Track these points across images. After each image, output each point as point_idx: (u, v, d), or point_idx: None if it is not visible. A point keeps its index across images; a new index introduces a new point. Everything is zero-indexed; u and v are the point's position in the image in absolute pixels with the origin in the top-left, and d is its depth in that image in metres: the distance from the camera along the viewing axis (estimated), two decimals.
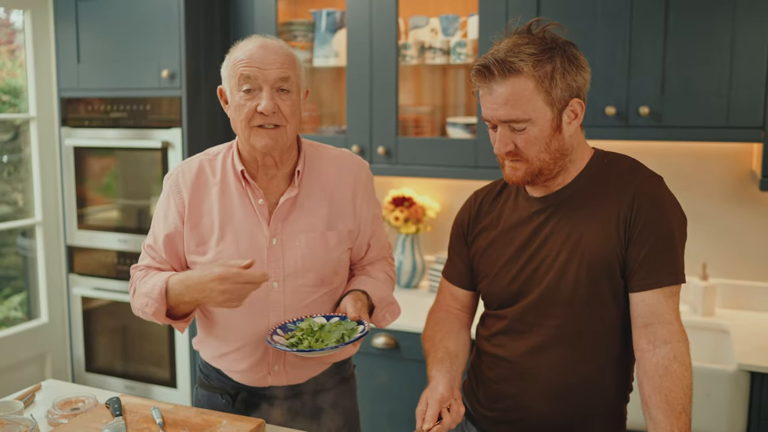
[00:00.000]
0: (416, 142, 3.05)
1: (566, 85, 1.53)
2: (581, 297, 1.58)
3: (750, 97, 2.53)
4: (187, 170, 1.80)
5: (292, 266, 1.75)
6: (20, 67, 3.51)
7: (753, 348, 2.50)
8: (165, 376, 3.40)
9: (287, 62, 1.69)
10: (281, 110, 1.67)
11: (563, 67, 1.52)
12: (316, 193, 1.78)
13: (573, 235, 1.60)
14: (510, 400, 1.68)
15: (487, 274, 1.73)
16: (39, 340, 3.54)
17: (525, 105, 1.51)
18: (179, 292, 1.66)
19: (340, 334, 1.64)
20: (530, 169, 1.58)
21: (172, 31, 3.13)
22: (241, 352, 1.80)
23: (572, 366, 1.61)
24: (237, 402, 1.84)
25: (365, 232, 1.86)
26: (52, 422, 1.73)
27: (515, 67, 1.50)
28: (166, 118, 3.22)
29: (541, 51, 1.51)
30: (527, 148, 1.56)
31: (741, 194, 2.91)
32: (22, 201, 3.60)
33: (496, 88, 1.52)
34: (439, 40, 3.04)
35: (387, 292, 1.86)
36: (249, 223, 1.74)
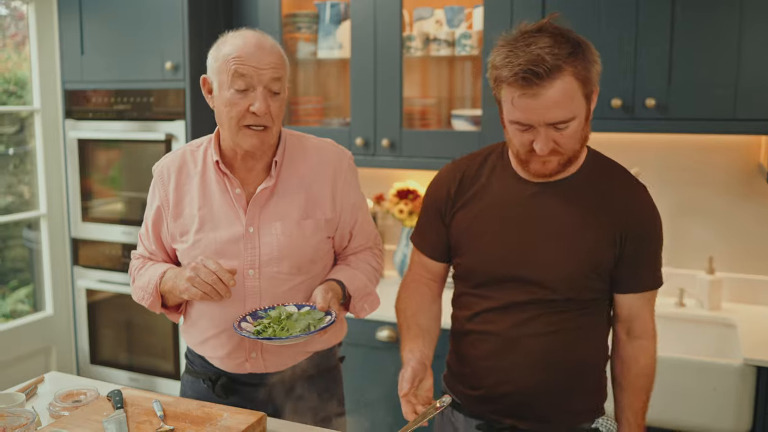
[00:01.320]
0: (421, 135, 3.03)
1: (597, 74, 1.56)
2: (571, 285, 1.64)
3: (757, 89, 2.50)
4: (170, 162, 1.86)
5: (267, 254, 1.77)
6: (24, 60, 3.50)
7: (759, 342, 2.48)
8: (169, 369, 3.40)
9: (281, 63, 1.71)
10: (270, 112, 1.69)
11: (591, 59, 1.54)
12: (294, 182, 1.81)
13: (569, 227, 1.64)
14: (498, 373, 1.69)
15: (469, 249, 1.72)
16: (44, 333, 3.55)
17: (571, 104, 1.51)
18: (167, 287, 1.79)
19: (306, 324, 1.66)
20: (562, 160, 1.60)
21: (176, 23, 3.12)
22: (219, 339, 1.84)
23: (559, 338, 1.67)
24: (217, 387, 1.87)
25: (346, 221, 1.87)
26: (53, 414, 1.74)
27: (561, 67, 1.48)
28: (170, 111, 3.22)
29: (573, 48, 1.50)
30: (568, 143, 1.56)
31: (748, 187, 2.88)
32: (28, 193, 3.61)
33: (543, 92, 1.48)
34: (443, 32, 3.02)
35: (365, 282, 1.86)
36: (226, 212, 1.78)
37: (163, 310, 1.86)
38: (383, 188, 3.39)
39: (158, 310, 1.85)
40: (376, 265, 1.94)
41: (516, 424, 1.71)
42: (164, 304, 1.85)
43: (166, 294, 1.80)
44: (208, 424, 1.60)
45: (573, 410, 1.72)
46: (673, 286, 2.95)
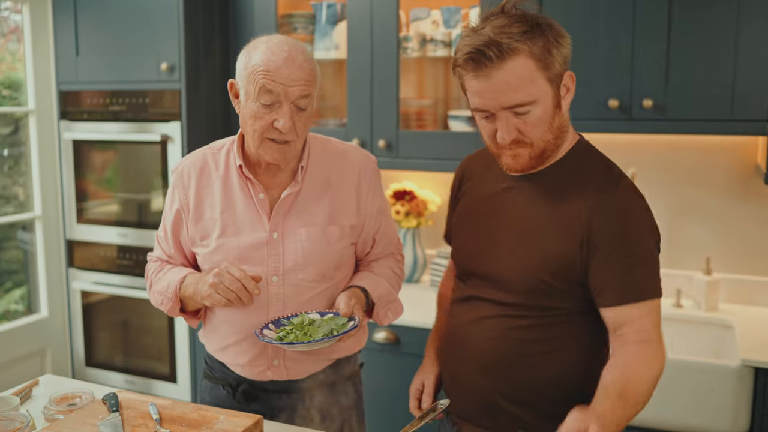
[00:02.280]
0: (417, 136, 3.02)
1: (562, 58, 1.45)
2: (525, 288, 1.53)
3: (754, 90, 2.50)
4: (191, 164, 1.81)
5: (292, 261, 1.73)
6: (20, 61, 3.49)
7: (757, 343, 2.48)
8: (165, 371, 3.39)
9: (311, 79, 1.65)
10: (296, 128, 1.65)
11: (555, 39, 1.44)
12: (319, 188, 1.77)
13: (533, 225, 1.54)
14: (450, 367, 1.68)
15: (454, 241, 1.75)
16: (39, 335, 3.53)
17: (529, 86, 1.42)
18: (187, 292, 1.75)
19: (329, 329, 1.63)
20: (534, 152, 1.50)
21: (172, 24, 3.11)
22: (241, 346, 1.80)
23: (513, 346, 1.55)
24: (237, 394, 1.84)
25: (369, 227, 1.84)
26: (48, 418, 1.72)
27: (513, 47, 1.39)
28: (166, 112, 3.20)
29: (530, 27, 1.42)
30: (532, 131, 1.47)
31: (745, 188, 2.88)
32: (22, 195, 3.59)
33: (495, 74, 1.40)
34: (440, 33, 3.01)
35: (389, 289, 1.84)
36: (250, 217, 1.74)
37: (181, 315, 1.82)
38: None
39: (177, 315, 1.82)
40: (399, 271, 1.92)
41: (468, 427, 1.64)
42: (183, 309, 1.81)
43: (186, 300, 1.76)
44: (204, 428, 1.59)
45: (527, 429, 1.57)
46: (671, 287, 2.95)
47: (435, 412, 1.58)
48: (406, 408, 2.41)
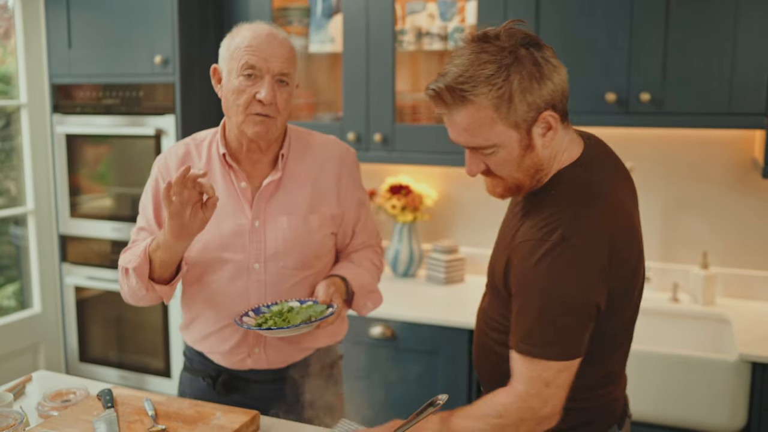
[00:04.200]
0: (413, 129, 3.01)
1: (529, 104, 1.37)
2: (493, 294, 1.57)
3: (752, 84, 2.49)
4: (174, 154, 1.84)
5: (273, 248, 1.77)
6: (11, 54, 3.45)
7: (754, 338, 2.47)
8: (159, 366, 3.37)
9: (291, 57, 1.72)
10: (277, 102, 1.70)
11: (522, 86, 1.35)
12: (300, 177, 1.81)
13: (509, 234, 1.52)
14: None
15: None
16: (32, 330, 3.51)
17: (487, 132, 1.38)
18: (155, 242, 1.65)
19: (307, 316, 1.66)
20: (507, 185, 1.48)
21: (165, 17, 3.08)
22: (222, 333, 1.82)
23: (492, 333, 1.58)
24: (217, 385, 1.85)
25: (349, 217, 1.87)
26: (42, 414, 1.70)
27: (468, 97, 1.36)
28: (160, 105, 3.18)
29: (497, 70, 1.35)
30: (499, 169, 1.45)
31: (743, 182, 2.88)
32: (15, 189, 3.56)
33: (453, 116, 1.40)
34: (436, 26, 2.99)
35: (369, 279, 1.87)
36: (232, 205, 1.77)
37: (151, 285, 1.69)
38: (375, 183, 3.36)
39: (145, 282, 1.68)
40: (378, 263, 1.95)
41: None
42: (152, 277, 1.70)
43: (152, 253, 1.65)
44: (200, 423, 1.58)
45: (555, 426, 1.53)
46: (667, 282, 2.94)
47: (433, 407, 1.57)
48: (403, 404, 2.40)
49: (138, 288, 1.71)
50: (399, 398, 2.75)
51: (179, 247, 1.63)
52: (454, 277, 3.18)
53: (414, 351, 2.80)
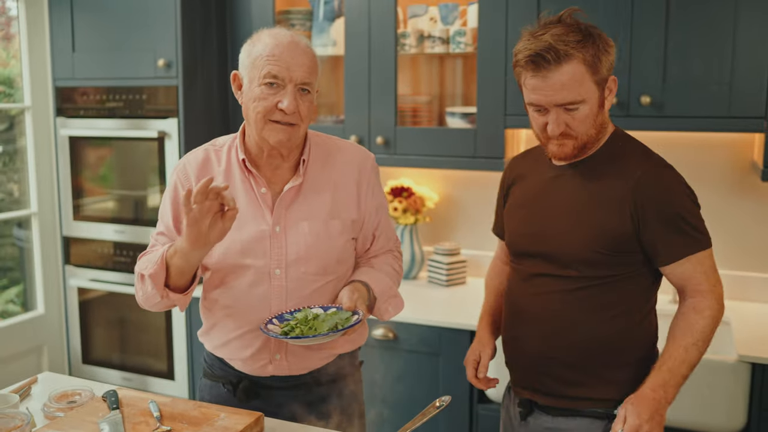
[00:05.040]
0: (415, 132, 3.02)
1: (608, 64, 1.67)
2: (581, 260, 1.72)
3: (752, 87, 2.51)
4: (193, 159, 1.82)
5: (294, 254, 1.75)
6: (14, 57, 3.47)
7: (753, 339, 2.49)
8: (162, 368, 3.38)
9: (313, 65, 1.71)
10: (299, 111, 1.68)
11: (603, 49, 1.66)
12: (321, 182, 1.79)
13: (582, 205, 1.74)
14: (514, 343, 1.86)
15: (507, 227, 1.93)
16: (35, 332, 3.52)
17: (579, 87, 1.64)
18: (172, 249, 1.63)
19: (333, 323, 1.64)
20: (577, 144, 1.71)
21: (168, 20, 3.10)
22: (243, 340, 1.80)
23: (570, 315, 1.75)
24: (238, 391, 1.83)
25: (370, 222, 1.86)
26: (48, 415, 1.72)
27: (569, 53, 1.61)
28: (163, 108, 3.19)
29: (584, 37, 1.63)
30: (579, 126, 1.68)
31: (742, 185, 2.89)
32: (18, 191, 3.58)
33: (552, 75, 1.63)
34: (438, 29, 3.01)
35: (390, 284, 1.85)
36: (252, 211, 1.75)
37: (166, 292, 1.68)
38: None
39: (160, 288, 1.67)
40: (398, 267, 1.94)
41: (533, 398, 1.82)
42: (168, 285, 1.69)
43: (169, 259, 1.64)
44: (205, 425, 1.59)
45: (587, 395, 1.76)
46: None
47: (436, 409, 1.58)
48: (405, 404, 2.42)
49: (153, 294, 1.70)
50: (401, 399, 2.76)
51: (196, 256, 1.62)
52: (455, 279, 3.20)
53: (416, 352, 2.81)
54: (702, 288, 1.73)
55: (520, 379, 1.86)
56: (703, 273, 1.73)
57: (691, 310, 1.73)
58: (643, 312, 1.79)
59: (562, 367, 1.76)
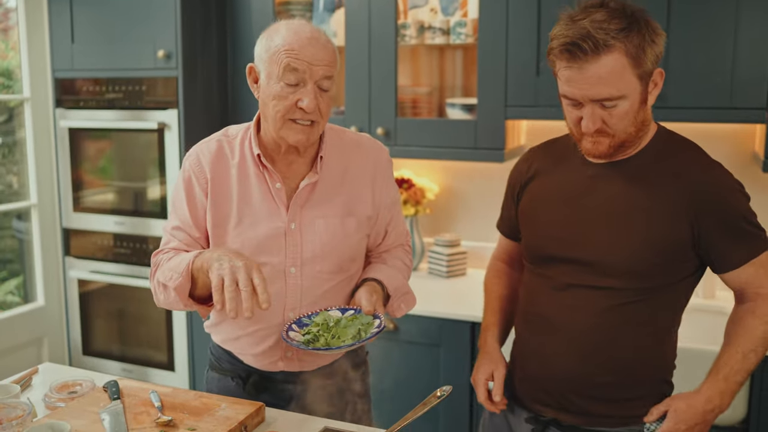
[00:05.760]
0: (416, 123, 3.02)
1: (654, 56, 1.50)
2: (631, 271, 1.58)
3: (753, 78, 2.50)
4: (207, 150, 1.75)
5: (310, 252, 1.71)
6: (12, 49, 3.46)
7: None
8: (163, 360, 3.38)
9: (333, 60, 1.63)
10: (320, 108, 1.62)
11: (649, 38, 1.48)
12: (336, 178, 1.75)
13: (629, 209, 1.59)
14: (540, 358, 1.69)
15: (528, 227, 1.76)
16: (35, 324, 3.52)
17: (619, 82, 1.47)
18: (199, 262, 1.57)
19: (356, 330, 1.60)
20: (614, 142, 1.56)
21: (168, 11, 3.09)
22: (255, 337, 1.77)
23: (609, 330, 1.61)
24: (248, 385, 1.82)
25: (383, 217, 1.83)
26: (49, 406, 1.72)
27: (609, 43, 1.44)
28: (163, 99, 3.18)
29: (628, 24, 1.46)
30: (617, 123, 1.52)
31: (743, 176, 2.81)
32: (17, 183, 3.57)
33: (588, 67, 1.46)
34: (438, 20, 3.00)
35: (403, 281, 1.83)
36: (267, 207, 1.71)
37: (190, 302, 1.63)
38: None
39: (184, 299, 1.62)
40: (409, 262, 1.91)
41: (557, 417, 1.69)
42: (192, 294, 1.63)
43: (196, 273, 1.57)
44: (206, 415, 1.59)
45: (619, 413, 1.65)
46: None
47: (437, 399, 1.58)
48: (406, 395, 2.41)
49: (176, 302, 1.64)
50: (402, 390, 2.76)
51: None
52: (456, 271, 3.20)
53: (417, 343, 2.81)
54: (763, 291, 1.61)
55: (542, 397, 1.70)
56: (765, 275, 1.60)
57: (750, 315, 1.61)
58: (676, 322, 1.69)
59: (596, 387, 1.64)
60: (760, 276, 1.60)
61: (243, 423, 1.57)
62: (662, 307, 1.63)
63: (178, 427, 1.54)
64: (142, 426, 1.55)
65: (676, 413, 1.60)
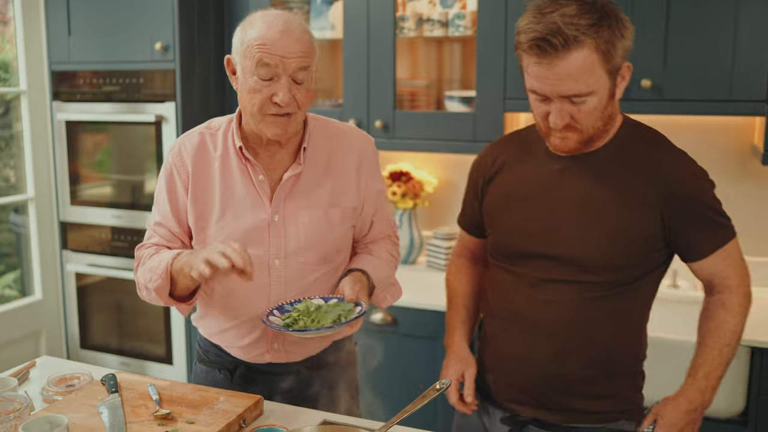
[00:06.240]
0: (414, 116, 3.01)
1: (623, 51, 1.49)
2: (607, 264, 1.57)
3: (753, 70, 2.49)
4: (188, 143, 1.75)
5: (294, 244, 1.71)
6: (9, 41, 3.44)
7: (753, 323, 2.45)
8: (161, 353, 3.38)
9: (309, 50, 1.61)
10: (296, 99, 1.61)
11: (619, 33, 1.46)
12: (320, 169, 1.74)
13: (601, 203, 1.58)
14: (517, 357, 1.67)
15: (495, 223, 1.73)
16: (33, 317, 3.52)
17: (588, 78, 1.45)
18: (179, 264, 1.60)
19: (336, 315, 1.61)
20: (582, 137, 1.54)
21: (166, 3, 3.07)
22: (241, 329, 1.78)
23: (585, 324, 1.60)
24: (235, 377, 1.82)
25: (369, 208, 1.82)
26: (46, 399, 1.71)
27: (579, 39, 1.41)
28: (160, 92, 3.17)
29: (598, 19, 1.43)
30: (585, 119, 1.50)
31: (742, 168, 2.88)
32: (14, 177, 3.56)
33: (558, 63, 1.43)
34: (437, 12, 2.99)
35: (389, 272, 1.83)
36: (250, 199, 1.70)
37: (170, 301, 1.68)
38: None
39: (165, 299, 1.67)
40: (396, 254, 1.91)
41: (536, 416, 1.67)
42: (172, 294, 1.67)
43: (176, 275, 1.61)
44: (205, 408, 1.59)
45: (596, 408, 1.65)
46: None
47: (436, 391, 1.58)
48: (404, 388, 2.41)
49: (157, 301, 1.69)
50: (401, 383, 2.76)
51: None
52: None
53: (415, 336, 2.81)
54: (730, 282, 1.62)
55: (518, 396, 1.68)
56: (731, 265, 1.62)
57: (720, 308, 1.63)
58: (648, 312, 1.69)
59: (574, 382, 1.62)
60: (727, 266, 1.62)
61: (241, 416, 1.57)
62: (635, 298, 1.63)
63: (177, 421, 1.53)
64: (140, 419, 1.54)
65: (663, 420, 1.62)
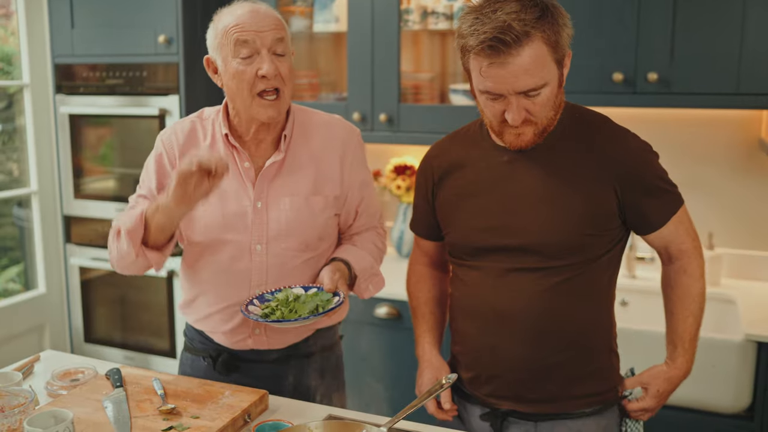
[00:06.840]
0: (418, 110, 2.99)
1: (567, 38, 1.50)
2: (567, 248, 1.58)
3: (760, 63, 2.47)
4: (179, 129, 1.81)
5: (275, 229, 1.75)
6: (12, 34, 3.43)
7: (760, 318, 2.47)
8: (164, 347, 3.38)
9: (279, 24, 1.69)
10: (280, 73, 1.67)
11: (561, 23, 1.48)
12: (303, 158, 1.78)
13: (553, 189, 1.58)
14: (489, 351, 1.65)
15: (452, 223, 1.70)
16: (37, 311, 3.51)
17: (542, 71, 1.45)
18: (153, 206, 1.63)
19: (314, 305, 1.63)
20: (537, 130, 1.55)
21: None
22: (223, 314, 1.81)
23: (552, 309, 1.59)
24: (218, 364, 1.84)
25: (353, 198, 1.84)
26: (51, 393, 1.71)
27: (529, 33, 1.42)
28: (163, 85, 3.16)
29: (542, 12, 1.44)
30: (540, 111, 1.51)
31: (749, 163, 2.86)
32: (17, 170, 3.55)
33: (512, 60, 1.43)
34: (441, 5, 2.97)
35: (372, 262, 1.85)
36: (234, 185, 1.75)
37: (142, 251, 1.66)
38: (380, 164, 3.35)
39: (137, 249, 1.65)
40: (381, 245, 1.92)
41: (516, 408, 1.66)
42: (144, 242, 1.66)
43: (150, 217, 1.62)
44: (209, 402, 1.58)
45: (575, 393, 1.63)
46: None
47: (442, 387, 1.57)
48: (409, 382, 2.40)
49: (128, 253, 1.66)
50: (405, 377, 2.75)
51: (179, 212, 1.61)
52: None
53: None
54: (686, 247, 1.66)
55: (495, 390, 1.66)
56: (684, 231, 1.66)
57: (682, 275, 1.67)
58: (613, 290, 1.70)
59: (550, 368, 1.61)
60: (680, 232, 1.65)
61: (246, 411, 1.56)
62: (600, 276, 1.64)
63: (182, 415, 1.53)
64: (145, 414, 1.54)
65: (654, 389, 1.68)
